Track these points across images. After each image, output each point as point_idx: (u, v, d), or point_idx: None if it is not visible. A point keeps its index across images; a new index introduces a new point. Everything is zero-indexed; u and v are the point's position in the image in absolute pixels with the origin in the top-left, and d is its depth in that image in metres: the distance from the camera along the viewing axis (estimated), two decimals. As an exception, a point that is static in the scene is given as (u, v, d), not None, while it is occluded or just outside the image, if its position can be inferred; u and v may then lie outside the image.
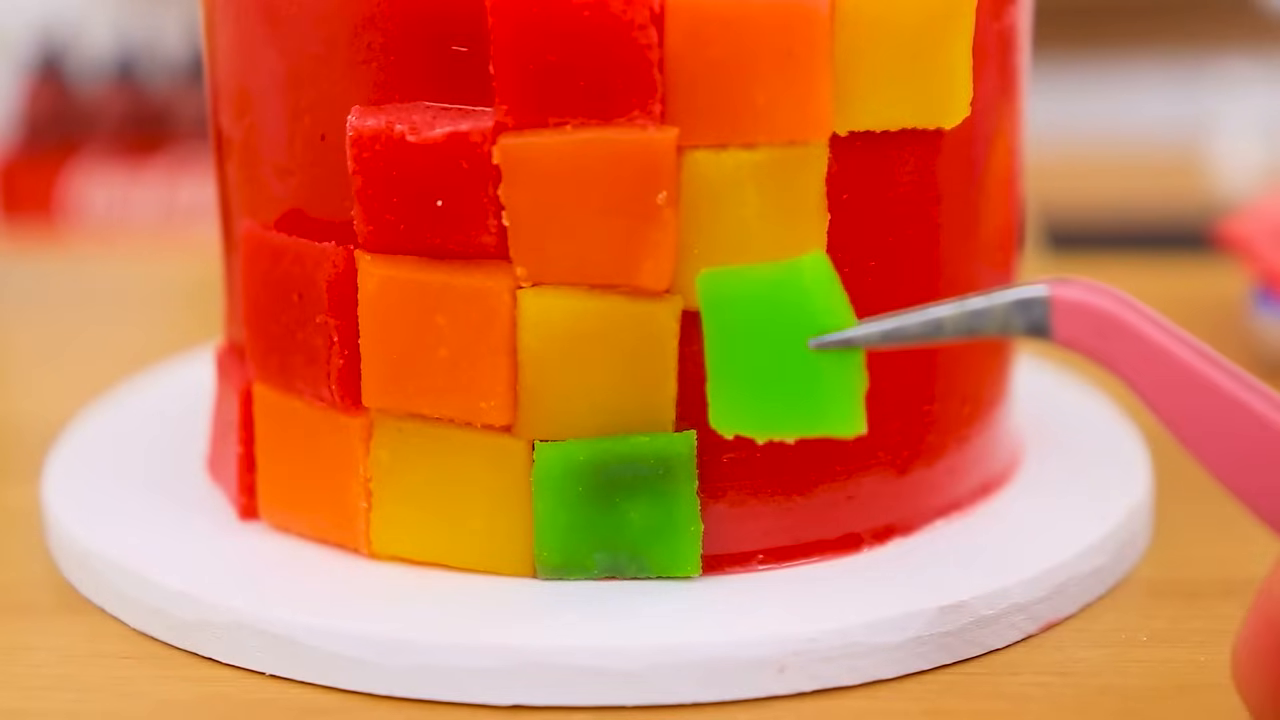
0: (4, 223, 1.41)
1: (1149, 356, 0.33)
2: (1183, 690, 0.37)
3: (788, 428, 0.38)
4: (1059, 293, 0.34)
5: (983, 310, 0.35)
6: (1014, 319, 0.35)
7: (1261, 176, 1.02)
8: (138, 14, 1.65)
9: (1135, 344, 0.33)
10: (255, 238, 0.42)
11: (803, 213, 0.39)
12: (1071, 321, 0.34)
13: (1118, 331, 0.33)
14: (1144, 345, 0.33)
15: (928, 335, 0.36)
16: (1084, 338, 0.34)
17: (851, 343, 0.37)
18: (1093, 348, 0.34)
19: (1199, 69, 1.58)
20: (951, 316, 0.36)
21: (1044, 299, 0.35)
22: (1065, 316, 0.34)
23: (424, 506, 0.40)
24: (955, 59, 0.40)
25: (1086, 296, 0.34)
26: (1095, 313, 0.34)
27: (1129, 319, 0.33)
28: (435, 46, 0.39)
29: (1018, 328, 0.35)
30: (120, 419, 0.51)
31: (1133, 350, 0.33)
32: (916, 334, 0.36)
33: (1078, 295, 0.34)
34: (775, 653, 0.37)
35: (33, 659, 0.40)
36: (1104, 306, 0.34)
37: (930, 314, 0.36)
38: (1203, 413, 0.32)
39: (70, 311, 0.75)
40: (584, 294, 0.38)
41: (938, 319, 0.36)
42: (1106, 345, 0.34)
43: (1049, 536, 0.42)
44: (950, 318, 0.36)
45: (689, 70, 0.37)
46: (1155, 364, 0.33)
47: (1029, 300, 0.35)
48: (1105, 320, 0.34)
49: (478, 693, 0.37)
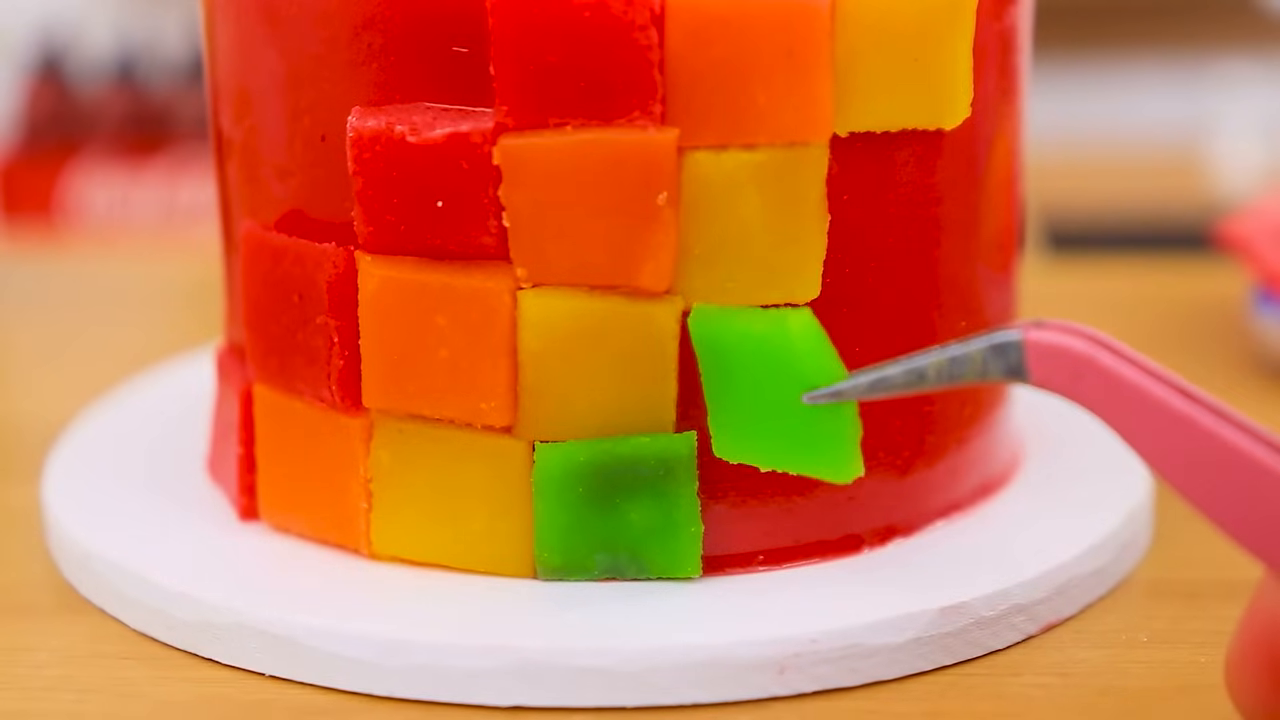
0: (4, 223, 1.41)
1: (1123, 396, 0.33)
2: (1183, 691, 0.37)
3: (787, 464, 0.39)
4: (1032, 336, 0.35)
5: (961, 357, 0.36)
6: (991, 364, 0.36)
7: (1261, 177, 1.02)
8: (138, 14, 1.65)
9: (1109, 384, 0.33)
10: (255, 238, 0.42)
11: (803, 213, 0.39)
12: (1046, 364, 0.35)
13: (1091, 372, 0.34)
14: (1117, 385, 0.33)
15: (912, 385, 0.37)
16: (1059, 380, 0.34)
17: (841, 396, 0.38)
18: (1068, 389, 0.34)
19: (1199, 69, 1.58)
20: (933, 364, 0.37)
21: (1018, 343, 0.35)
22: (1039, 360, 0.35)
23: (424, 507, 0.40)
24: (955, 59, 0.40)
25: (1059, 339, 0.34)
26: (1068, 355, 0.34)
27: (1102, 360, 0.34)
28: (436, 47, 0.39)
29: (996, 372, 0.36)
30: (120, 419, 0.51)
31: (1107, 390, 0.33)
32: (901, 384, 0.37)
33: (1050, 339, 0.35)
34: (776, 653, 0.37)
35: (33, 659, 0.40)
36: (1076, 348, 0.34)
37: (913, 363, 0.37)
38: (1180, 449, 0.32)
39: (70, 312, 0.75)
40: (584, 295, 0.38)
41: (921, 368, 0.37)
42: (1081, 386, 0.34)
43: (1049, 537, 0.42)
44: (932, 365, 0.37)
45: (689, 71, 0.37)
46: (1130, 403, 0.33)
47: (1004, 345, 0.35)
48: (1079, 362, 0.34)
49: (478, 693, 0.37)
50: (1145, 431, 0.33)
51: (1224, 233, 0.63)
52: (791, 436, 0.38)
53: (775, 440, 0.39)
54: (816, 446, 0.39)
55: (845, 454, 0.39)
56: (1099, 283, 0.77)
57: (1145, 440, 0.33)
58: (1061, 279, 0.78)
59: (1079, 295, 0.74)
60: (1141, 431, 0.33)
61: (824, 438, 0.38)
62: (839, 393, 0.38)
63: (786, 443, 0.39)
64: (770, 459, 0.39)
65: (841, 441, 0.39)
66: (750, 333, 0.38)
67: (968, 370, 0.36)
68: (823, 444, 0.39)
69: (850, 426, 0.38)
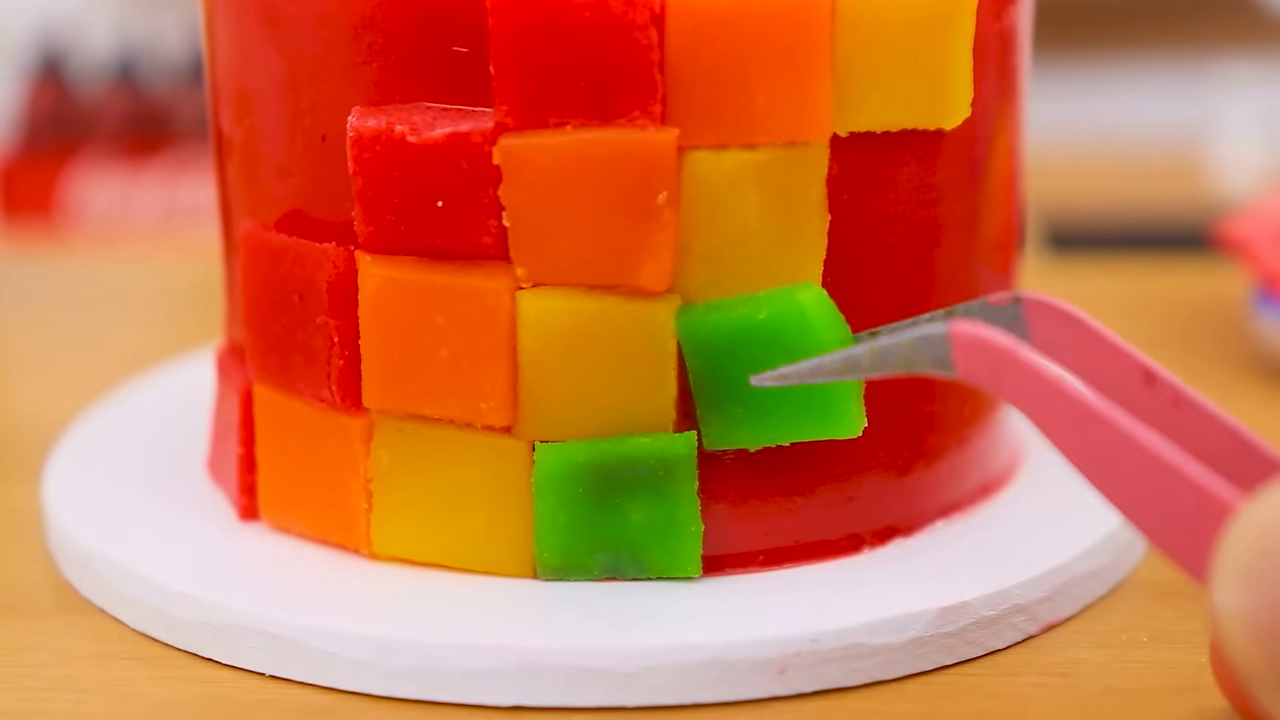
0: (4, 223, 1.41)
1: (1041, 388, 0.34)
2: (1183, 691, 0.37)
3: (784, 436, 0.39)
4: (956, 329, 0.35)
5: (892, 347, 0.37)
6: (920, 356, 0.36)
7: (1262, 177, 1.02)
8: (138, 15, 1.65)
9: (1028, 378, 0.34)
10: (255, 238, 0.42)
11: (803, 213, 0.39)
12: (970, 357, 0.35)
13: (1012, 365, 0.34)
14: (1036, 378, 0.34)
15: (847, 371, 0.38)
16: (982, 372, 0.35)
17: (785, 380, 0.38)
18: (991, 381, 0.35)
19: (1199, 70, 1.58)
20: (867, 353, 0.37)
21: (943, 335, 0.36)
22: (964, 352, 0.35)
23: (424, 507, 0.40)
24: (955, 59, 0.40)
25: (982, 332, 0.35)
26: (990, 348, 0.35)
27: (1021, 354, 0.34)
28: (436, 47, 0.39)
29: (925, 364, 0.36)
30: (120, 419, 0.51)
31: (1026, 383, 0.34)
32: (837, 369, 0.38)
33: (973, 331, 0.35)
34: (776, 653, 0.37)
35: (33, 659, 0.40)
36: (997, 342, 0.35)
37: (849, 351, 0.38)
38: (1094, 443, 0.33)
39: (70, 312, 0.75)
40: (584, 294, 0.38)
41: (855, 356, 0.37)
42: (1003, 379, 0.35)
43: (1050, 537, 0.42)
44: (866, 354, 0.37)
45: (689, 70, 0.37)
46: (1047, 396, 0.34)
47: (930, 337, 0.36)
48: (999, 355, 0.35)
49: (478, 693, 0.37)
50: (1061, 423, 0.34)
51: (1224, 233, 0.63)
52: (797, 406, 0.39)
53: (771, 418, 0.39)
54: (823, 409, 0.39)
55: (852, 409, 0.39)
56: (1099, 283, 0.77)
57: (1062, 434, 0.34)
58: (1061, 279, 0.78)
59: (1079, 295, 0.73)
60: (1057, 423, 0.34)
61: (831, 399, 0.39)
62: (783, 376, 0.38)
63: (792, 413, 0.39)
64: (765, 438, 0.39)
65: (848, 398, 0.39)
66: (752, 316, 0.38)
67: (897, 360, 0.37)
68: (830, 405, 0.39)
69: (854, 383, 0.39)
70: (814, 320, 0.39)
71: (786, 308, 0.39)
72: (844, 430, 0.39)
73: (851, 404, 0.39)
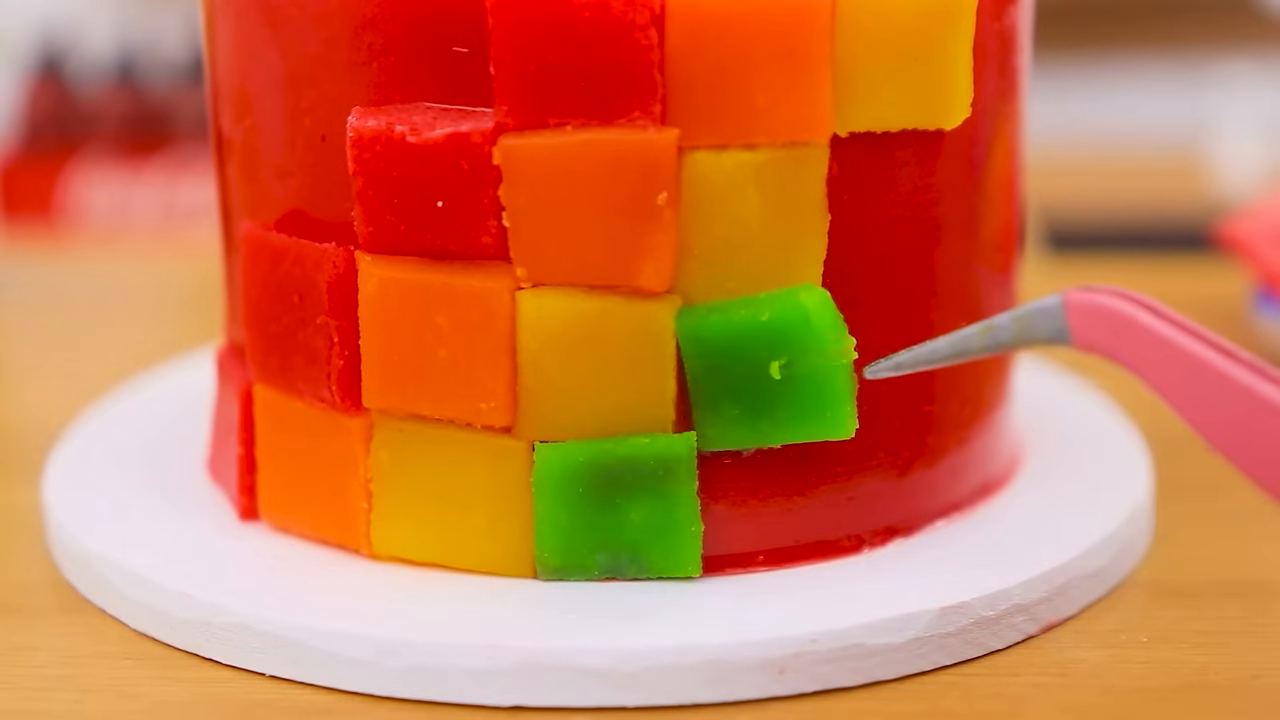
0: (4, 223, 1.41)
1: (1162, 353, 0.34)
2: (1183, 691, 0.37)
3: (779, 438, 0.39)
4: (1074, 296, 0.36)
5: (1002, 324, 0.38)
6: (1034, 327, 0.37)
7: (1262, 177, 1.02)
8: (138, 14, 1.65)
9: (1148, 342, 0.34)
10: (256, 239, 0.42)
11: (803, 213, 0.39)
12: (1087, 324, 0.36)
13: (1131, 330, 0.35)
14: (1156, 342, 0.34)
15: (960, 354, 0.39)
16: (1100, 339, 0.35)
17: (900, 368, 0.39)
18: (1109, 348, 0.35)
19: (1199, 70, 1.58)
20: (978, 332, 0.38)
21: (1059, 304, 0.36)
22: (1081, 320, 0.36)
23: (424, 507, 0.40)
24: (955, 59, 0.40)
25: (1099, 299, 0.35)
26: (1108, 314, 0.35)
27: (1141, 319, 0.34)
28: (436, 47, 0.39)
29: (1040, 335, 0.37)
30: (120, 419, 0.51)
31: (1146, 348, 0.34)
32: (949, 353, 0.39)
33: (1091, 299, 0.36)
34: (776, 653, 0.37)
35: (33, 659, 0.40)
36: (1116, 307, 0.35)
37: (960, 334, 0.38)
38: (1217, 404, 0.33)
39: (70, 312, 0.75)
40: (584, 295, 0.38)
41: (967, 336, 0.38)
42: (1121, 345, 0.35)
43: (1049, 537, 0.42)
44: (977, 333, 0.38)
45: (689, 71, 0.37)
46: (1169, 360, 0.34)
47: (1047, 308, 0.37)
48: (1118, 321, 0.35)
49: (478, 693, 0.37)
50: (1184, 388, 0.34)
51: (1224, 233, 0.63)
52: (792, 408, 0.39)
53: (774, 417, 0.39)
54: (818, 412, 0.39)
55: (846, 412, 0.39)
56: (1099, 283, 0.77)
57: (1184, 397, 0.34)
58: (1061, 279, 0.77)
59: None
60: (1180, 388, 0.34)
61: (825, 401, 0.39)
62: (898, 365, 0.39)
63: (787, 416, 0.39)
64: (770, 436, 0.39)
65: (842, 400, 0.39)
66: (754, 317, 0.39)
67: (1010, 335, 0.37)
68: (824, 407, 0.39)
69: (847, 387, 0.39)
70: (817, 322, 0.39)
71: (790, 310, 0.39)
72: (838, 432, 0.39)
73: (845, 406, 0.39)
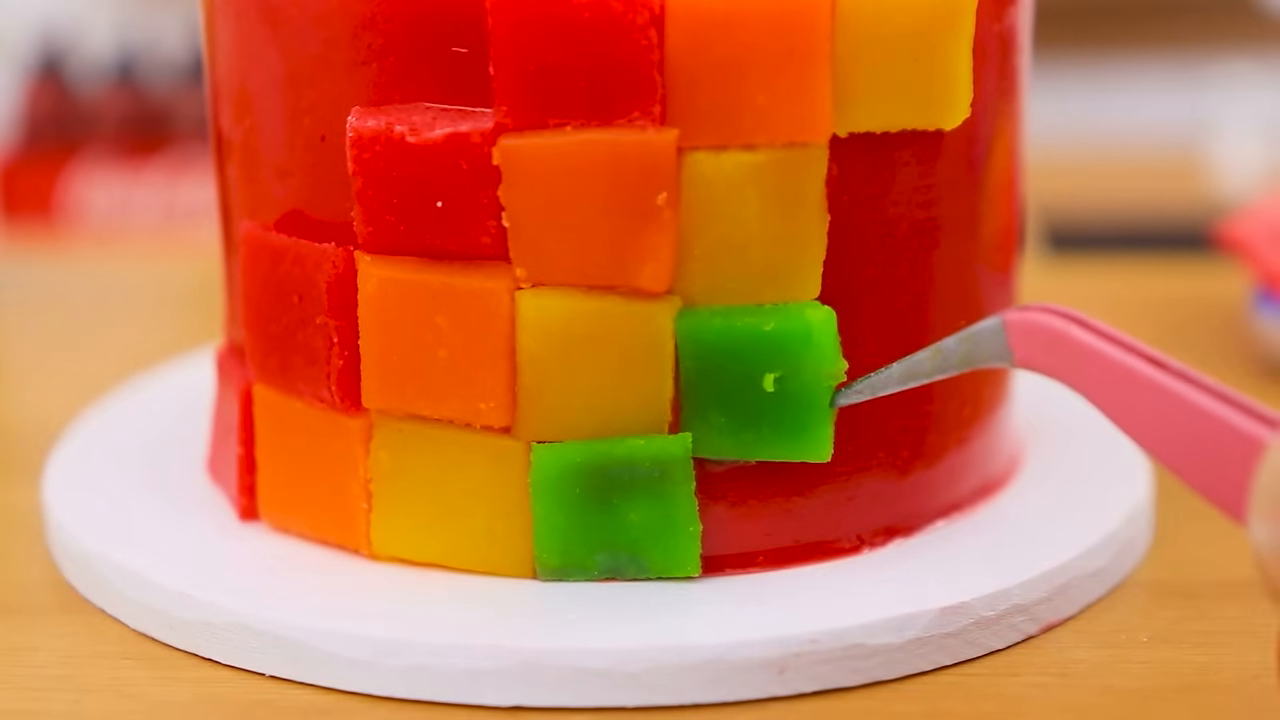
0: (4, 223, 1.41)
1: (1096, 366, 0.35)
2: (1183, 691, 0.37)
3: (757, 453, 0.40)
4: (1011, 317, 0.37)
5: (949, 347, 0.38)
6: (978, 349, 0.37)
7: (1262, 178, 1.02)
8: (138, 15, 1.65)
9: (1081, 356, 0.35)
10: (255, 239, 0.42)
11: (803, 214, 0.39)
12: (1025, 343, 0.36)
13: (1064, 346, 0.35)
14: (1089, 357, 0.35)
15: (911, 378, 0.39)
16: (1038, 357, 0.36)
17: (858, 395, 0.39)
18: (1046, 365, 0.36)
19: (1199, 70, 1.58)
20: (927, 357, 0.39)
21: (1000, 325, 0.37)
22: (1019, 339, 0.36)
23: (424, 507, 0.40)
24: (955, 60, 0.40)
25: (1033, 316, 0.36)
26: (1042, 331, 0.36)
27: (1073, 334, 0.35)
28: (435, 47, 0.39)
29: (984, 357, 0.37)
30: (120, 419, 0.51)
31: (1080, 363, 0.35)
32: (900, 378, 0.39)
33: (1025, 317, 0.36)
34: (775, 653, 0.37)
35: (33, 659, 0.40)
36: (1049, 324, 0.35)
37: (909, 360, 0.39)
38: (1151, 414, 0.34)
39: (70, 312, 0.75)
40: (583, 295, 0.38)
41: (917, 361, 0.39)
42: (1057, 361, 0.35)
43: (1049, 537, 0.42)
44: (926, 357, 0.39)
45: (689, 71, 0.37)
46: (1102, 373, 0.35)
47: (986, 329, 0.37)
48: (1052, 337, 0.35)
49: (478, 693, 0.37)
50: (1118, 400, 0.34)
51: (1224, 233, 0.63)
52: (773, 426, 0.39)
53: (755, 431, 0.39)
54: (797, 433, 0.39)
55: (823, 435, 0.39)
56: (1099, 283, 0.77)
57: (1120, 409, 0.34)
58: (1061, 279, 0.78)
59: (1079, 295, 0.73)
60: (1115, 401, 0.34)
61: (805, 424, 0.39)
62: (857, 392, 0.39)
63: (769, 432, 0.39)
64: (749, 450, 0.39)
65: (821, 424, 0.39)
66: (758, 326, 0.39)
67: (957, 358, 0.38)
68: (803, 429, 0.39)
69: (830, 411, 0.39)
70: (818, 339, 0.39)
71: (794, 323, 0.39)
72: (813, 455, 0.39)
73: (823, 430, 0.39)
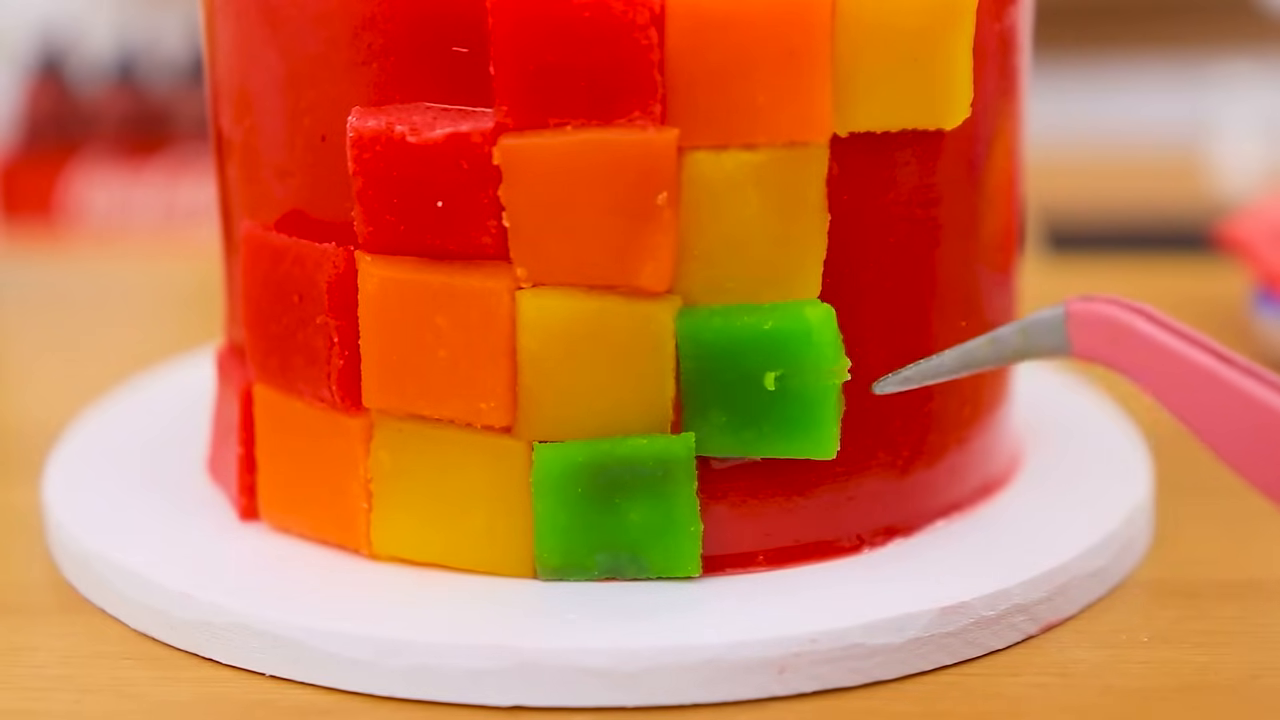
0: (4, 223, 1.41)
1: (1160, 359, 0.34)
2: (1183, 691, 0.37)
3: (761, 450, 0.39)
4: (1074, 307, 0.36)
5: (1004, 335, 0.38)
6: (1035, 339, 0.37)
7: (1262, 178, 1.02)
8: (138, 15, 1.65)
9: (1145, 349, 0.35)
10: (256, 239, 0.42)
11: (803, 213, 0.39)
12: (1086, 334, 0.36)
13: (1128, 338, 0.35)
14: (1153, 349, 0.34)
15: (965, 366, 0.39)
16: (1099, 348, 0.36)
17: (908, 383, 0.40)
18: (1109, 357, 0.35)
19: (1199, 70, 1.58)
20: (982, 345, 0.39)
21: (1061, 316, 0.36)
22: (1080, 330, 0.36)
23: (424, 507, 0.40)
24: (955, 60, 0.40)
25: (1097, 308, 0.36)
26: (1106, 322, 0.35)
27: (1139, 326, 0.35)
28: (435, 47, 0.39)
29: (1041, 347, 0.37)
30: (120, 419, 0.51)
31: (1143, 355, 0.35)
32: (954, 366, 0.39)
33: (1089, 308, 0.36)
34: (775, 653, 0.37)
35: (33, 659, 0.40)
36: (1114, 315, 0.35)
37: (964, 349, 0.39)
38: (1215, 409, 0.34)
39: (70, 312, 0.75)
40: (583, 295, 0.38)
41: (971, 349, 0.39)
42: (1119, 353, 0.35)
43: (1049, 537, 0.42)
44: (981, 345, 0.39)
45: (689, 71, 0.37)
46: (1166, 366, 0.34)
47: (1046, 319, 0.37)
48: (1116, 329, 0.35)
49: (478, 693, 0.37)
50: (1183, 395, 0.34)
51: (1224, 233, 0.63)
52: (778, 423, 0.39)
53: (758, 429, 0.39)
54: (803, 430, 0.39)
55: (829, 433, 0.39)
56: (1099, 283, 0.77)
57: (1184, 404, 0.34)
58: (1061, 279, 0.77)
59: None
60: (1179, 395, 0.34)
61: (810, 421, 0.39)
62: (906, 379, 0.40)
63: (772, 430, 0.39)
64: (753, 448, 0.39)
65: (826, 422, 0.39)
66: (757, 325, 0.39)
67: (1012, 348, 0.38)
68: (809, 426, 0.39)
69: (835, 407, 0.39)
70: (819, 337, 0.39)
71: (793, 321, 0.39)
72: (820, 451, 0.39)
73: (831, 427, 0.39)
